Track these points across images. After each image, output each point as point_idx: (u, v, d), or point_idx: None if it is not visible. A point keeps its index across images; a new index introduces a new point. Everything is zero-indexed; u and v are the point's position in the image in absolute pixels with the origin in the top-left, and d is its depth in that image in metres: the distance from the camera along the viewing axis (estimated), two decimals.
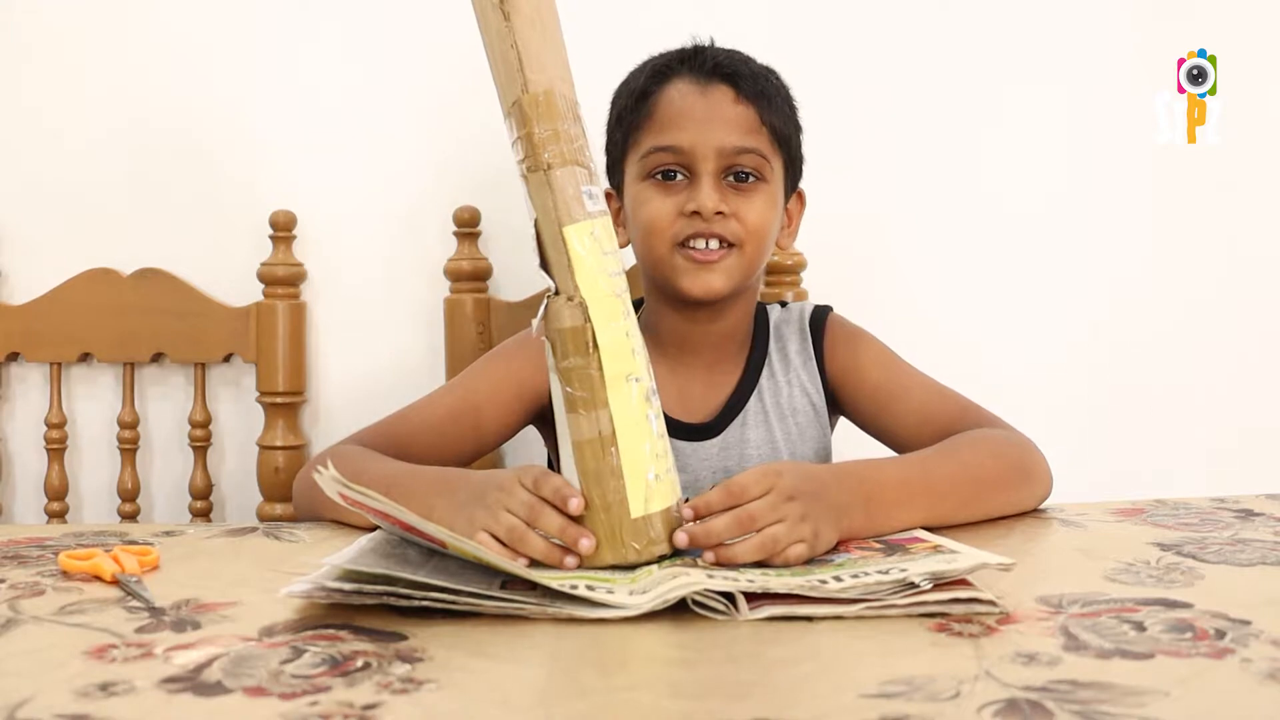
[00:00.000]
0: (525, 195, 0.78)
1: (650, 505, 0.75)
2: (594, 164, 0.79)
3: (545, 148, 0.76)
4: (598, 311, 0.75)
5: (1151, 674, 0.55)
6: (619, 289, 0.77)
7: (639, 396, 0.76)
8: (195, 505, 1.43)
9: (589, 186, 0.77)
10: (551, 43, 0.78)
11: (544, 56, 0.77)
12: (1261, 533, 0.87)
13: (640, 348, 0.78)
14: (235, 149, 1.45)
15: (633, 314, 0.79)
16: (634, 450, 0.75)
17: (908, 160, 1.51)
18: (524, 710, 0.53)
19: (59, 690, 0.54)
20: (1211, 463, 1.51)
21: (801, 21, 1.46)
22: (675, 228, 1.03)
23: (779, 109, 1.06)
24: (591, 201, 0.77)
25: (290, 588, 0.66)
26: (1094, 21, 1.52)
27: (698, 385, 1.10)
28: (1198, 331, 1.54)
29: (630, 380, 0.75)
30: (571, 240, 0.76)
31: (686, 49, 1.08)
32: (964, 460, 0.93)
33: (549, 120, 0.76)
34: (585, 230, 0.76)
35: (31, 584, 0.75)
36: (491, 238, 1.44)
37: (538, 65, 0.77)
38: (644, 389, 0.77)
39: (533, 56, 0.77)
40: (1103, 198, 1.53)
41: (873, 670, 0.56)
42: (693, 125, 1.03)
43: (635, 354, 0.77)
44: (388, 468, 0.93)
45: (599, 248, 0.76)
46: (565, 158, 0.76)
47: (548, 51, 0.78)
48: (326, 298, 1.46)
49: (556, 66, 0.78)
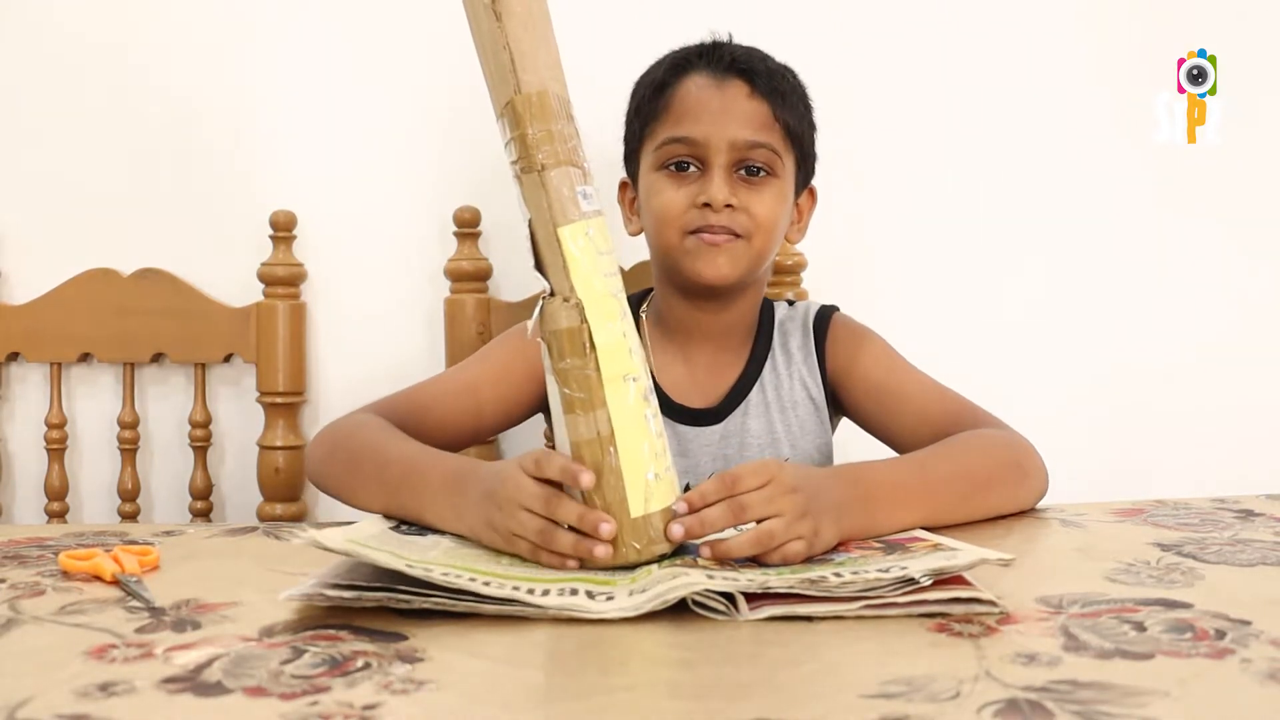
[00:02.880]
0: (519, 196, 0.78)
1: (650, 504, 0.74)
2: (588, 164, 0.79)
3: (539, 148, 0.76)
4: (594, 312, 0.75)
5: (1151, 674, 0.55)
6: (615, 289, 0.77)
7: (637, 396, 0.76)
8: (195, 505, 1.43)
9: (584, 187, 0.77)
10: (544, 43, 0.78)
11: (536, 57, 0.77)
12: (1261, 533, 0.87)
13: (637, 347, 0.78)
14: (235, 149, 1.46)
15: (629, 314, 0.79)
16: (633, 450, 0.75)
17: (907, 160, 1.51)
18: (524, 710, 0.53)
19: (59, 690, 0.54)
20: (1211, 463, 1.50)
21: (801, 21, 1.46)
22: (686, 217, 1.04)
23: (793, 106, 1.08)
24: (586, 202, 0.77)
25: (289, 591, 0.66)
26: (1094, 21, 1.52)
27: (701, 371, 1.12)
28: (1198, 331, 1.54)
29: (628, 380, 0.75)
30: (567, 241, 0.75)
31: (705, 44, 1.10)
32: (960, 460, 0.93)
33: (542, 121, 0.76)
34: (580, 230, 0.76)
35: (31, 584, 0.75)
36: (491, 238, 1.44)
37: (530, 66, 0.76)
38: (641, 388, 0.76)
39: (525, 57, 0.76)
40: (1103, 198, 1.53)
41: (873, 670, 0.56)
42: (707, 118, 1.04)
43: (632, 354, 0.77)
44: (406, 449, 0.93)
45: (594, 248, 0.76)
46: (559, 158, 0.76)
47: (540, 52, 0.77)
48: (326, 298, 1.46)
49: (549, 66, 0.78)
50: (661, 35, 1.14)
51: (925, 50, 1.50)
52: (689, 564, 0.73)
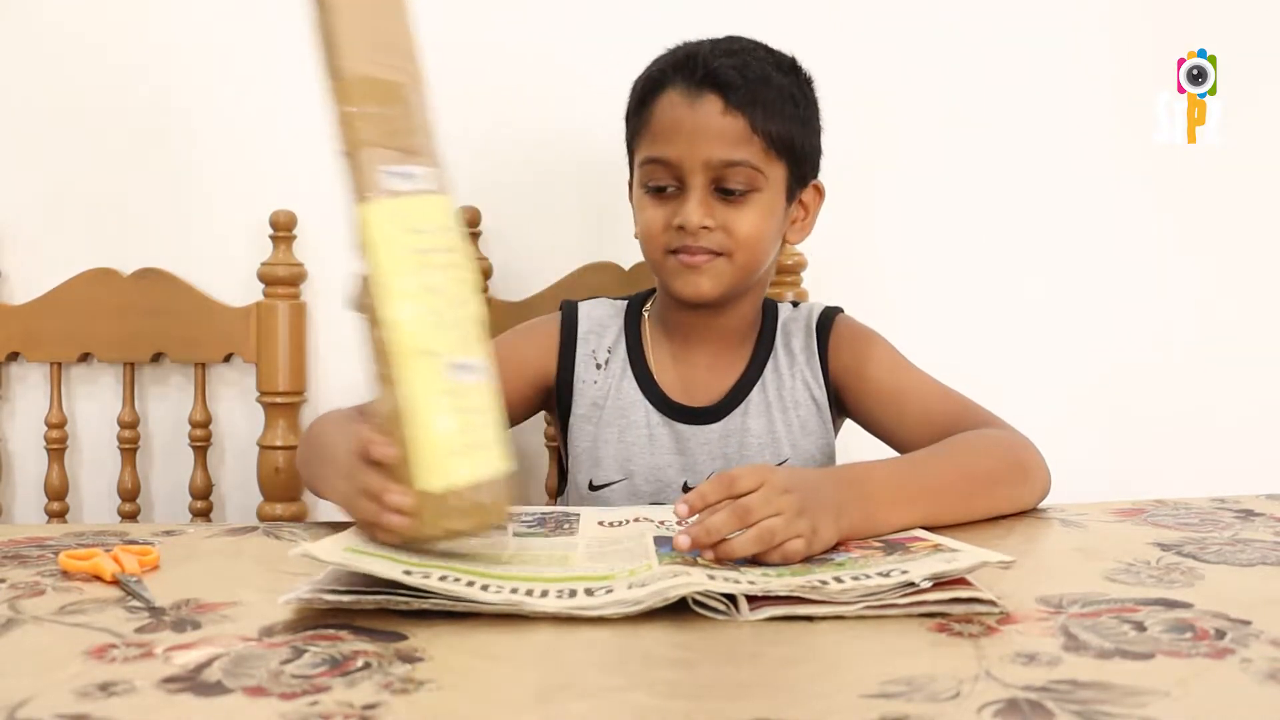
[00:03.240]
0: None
1: (452, 479, 0.74)
2: (425, 145, 0.80)
3: (348, 130, 0.77)
4: (395, 288, 0.75)
5: (1151, 674, 0.55)
6: (436, 264, 0.77)
7: (434, 372, 0.75)
8: (195, 505, 1.43)
9: (405, 167, 0.78)
10: (373, 28, 0.79)
11: (359, 40, 0.78)
12: (1261, 533, 0.87)
13: (460, 323, 0.77)
14: (235, 149, 1.45)
15: (457, 292, 0.78)
16: (427, 426, 0.74)
17: (907, 159, 1.51)
18: (524, 710, 0.53)
19: (59, 690, 0.54)
20: (1211, 463, 1.50)
21: (800, 21, 1.46)
22: (665, 237, 1.06)
23: (776, 112, 1.05)
24: (404, 180, 0.77)
25: (288, 595, 0.66)
26: (1094, 21, 1.52)
27: (701, 371, 1.13)
28: (1198, 331, 1.54)
29: (427, 355, 0.75)
30: (362, 219, 0.76)
31: (680, 53, 1.08)
32: (961, 459, 0.93)
33: (352, 103, 0.77)
34: (385, 210, 0.76)
35: (31, 584, 0.75)
36: (491, 238, 1.44)
37: (348, 52, 0.78)
38: (442, 364, 0.75)
39: (344, 41, 0.78)
40: (1103, 198, 1.53)
41: (873, 670, 0.56)
42: (680, 139, 1.04)
43: (443, 329, 0.76)
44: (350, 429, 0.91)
45: (403, 226, 0.76)
46: (368, 140, 0.77)
47: (367, 34, 0.79)
48: (326, 298, 1.46)
49: (380, 50, 0.79)
50: (660, 33, 1.13)
51: (925, 50, 1.50)
52: (689, 563, 0.73)
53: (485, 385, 0.78)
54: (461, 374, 0.77)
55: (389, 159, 0.77)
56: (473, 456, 0.75)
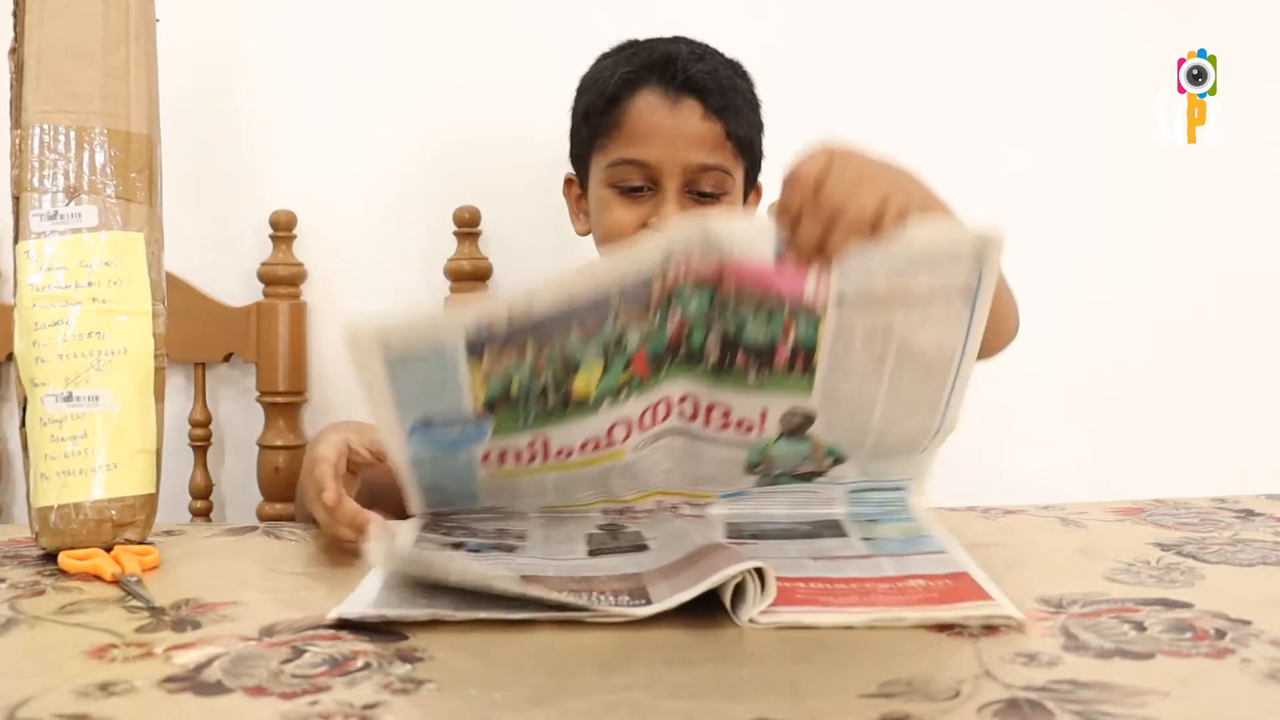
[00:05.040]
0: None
1: (39, 499, 0.81)
2: (64, 180, 0.85)
3: (13, 178, 0.85)
4: (19, 324, 0.83)
5: (1151, 674, 0.55)
6: (65, 301, 0.83)
7: (38, 403, 0.82)
8: (195, 505, 1.43)
9: (51, 208, 0.84)
10: (61, 75, 0.86)
11: (39, 91, 0.85)
12: (1261, 533, 0.87)
13: (77, 355, 0.83)
14: (235, 149, 1.45)
15: (74, 324, 0.83)
16: (36, 451, 0.83)
17: (905, 160, 1.51)
18: (524, 710, 0.53)
19: (59, 690, 0.54)
20: (1211, 463, 1.50)
21: (799, 18, 1.46)
22: (637, 238, 1.04)
23: (744, 117, 1.08)
24: (47, 222, 0.84)
25: (340, 609, 0.64)
26: (1094, 21, 1.52)
27: None
28: (1198, 331, 1.54)
29: (34, 386, 0.82)
30: (16, 258, 0.84)
31: (656, 56, 1.08)
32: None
33: (24, 154, 0.85)
34: (21, 250, 0.84)
35: (31, 584, 0.75)
36: (491, 238, 1.44)
37: (31, 103, 0.85)
38: (40, 395, 0.82)
39: (29, 93, 0.85)
40: (1103, 198, 1.53)
41: (873, 670, 0.56)
42: (660, 141, 1.04)
43: (54, 361, 0.82)
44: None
45: (32, 265, 0.83)
46: (25, 186, 0.85)
47: (50, 85, 0.85)
48: (326, 298, 1.46)
49: (67, 98, 0.86)
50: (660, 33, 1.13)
51: (924, 49, 1.50)
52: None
53: (96, 415, 0.84)
54: (65, 404, 0.84)
55: (41, 203, 0.85)
56: (58, 483, 0.82)
